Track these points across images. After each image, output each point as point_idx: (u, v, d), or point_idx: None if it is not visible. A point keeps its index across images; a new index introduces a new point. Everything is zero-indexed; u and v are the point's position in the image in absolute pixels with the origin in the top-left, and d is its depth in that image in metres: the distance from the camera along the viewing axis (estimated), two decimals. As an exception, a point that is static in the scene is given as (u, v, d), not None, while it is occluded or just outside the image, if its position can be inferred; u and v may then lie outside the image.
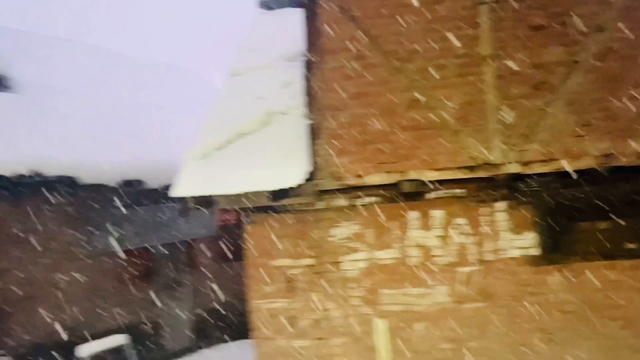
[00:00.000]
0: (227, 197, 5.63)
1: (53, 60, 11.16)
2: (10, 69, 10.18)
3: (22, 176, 8.39)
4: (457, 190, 5.65)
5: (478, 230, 5.66)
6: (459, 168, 5.42)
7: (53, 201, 8.84)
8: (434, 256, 5.74)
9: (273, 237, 5.89)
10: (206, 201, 5.68)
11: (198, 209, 5.71)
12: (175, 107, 12.09)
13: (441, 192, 5.69)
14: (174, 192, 5.71)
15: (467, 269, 5.67)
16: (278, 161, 5.63)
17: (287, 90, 6.34)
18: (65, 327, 8.52)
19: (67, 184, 8.92)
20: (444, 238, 5.72)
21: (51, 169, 8.75)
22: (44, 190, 8.74)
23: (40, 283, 8.63)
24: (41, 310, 8.46)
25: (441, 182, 5.53)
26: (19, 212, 8.64)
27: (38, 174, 8.57)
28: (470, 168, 5.40)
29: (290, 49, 6.68)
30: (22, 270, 8.54)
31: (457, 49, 5.39)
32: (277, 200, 5.63)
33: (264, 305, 5.97)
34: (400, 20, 5.48)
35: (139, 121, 10.91)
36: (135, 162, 9.67)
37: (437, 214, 5.73)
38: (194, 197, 5.66)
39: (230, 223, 9.13)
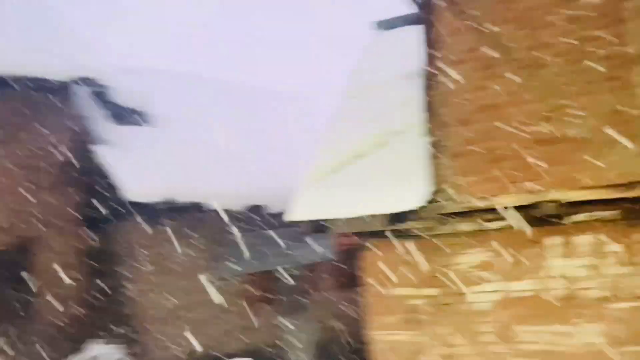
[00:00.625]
0: (343, 221, 5.38)
1: (186, 94, 11.96)
2: (149, 105, 11.08)
3: (158, 203, 8.96)
4: (607, 212, 4.85)
5: (636, 259, 4.78)
6: (609, 186, 4.64)
7: (184, 226, 9.33)
8: (580, 289, 4.94)
9: (391, 263, 5.50)
10: (322, 225, 5.48)
11: (314, 233, 5.53)
12: (296, 133, 12.29)
13: (586, 215, 4.92)
14: (290, 217, 5.60)
15: (623, 304, 4.80)
16: (396, 182, 5.28)
17: (405, 108, 5.99)
18: (193, 348, 8.82)
19: (196, 210, 9.38)
20: (593, 268, 4.91)
21: (183, 196, 9.26)
22: (176, 215, 9.26)
23: (172, 304, 9.07)
24: (173, 330, 8.86)
25: (586, 202, 4.78)
26: (155, 237, 9.22)
27: (171, 201, 9.11)
28: (624, 186, 4.59)
29: (406, 67, 6.35)
30: (157, 291, 9.07)
31: (600, 49, 4.68)
32: (395, 224, 5.25)
33: (383, 336, 5.57)
34: (530, 23, 4.92)
35: (262, 148, 11.22)
36: (259, 188, 9.90)
37: (584, 240, 4.95)
38: (310, 221, 5.50)
39: (348, 247, 8.92)
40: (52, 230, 9.52)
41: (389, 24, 7.72)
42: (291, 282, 9.81)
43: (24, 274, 9.12)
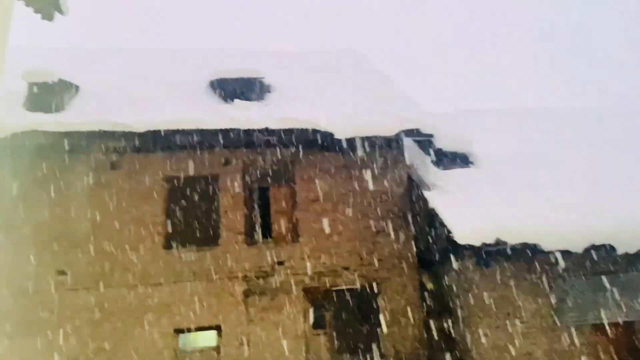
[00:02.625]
0: None
1: (505, 132, 11.72)
2: (471, 146, 11.24)
3: (488, 245, 8.85)
4: None
5: None
6: None
7: (518, 269, 8.95)
8: None
9: None
10: None
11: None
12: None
13: None
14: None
15: None
16: None
17: None
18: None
19: (529, 251, 8.89)
20: None
21: (514, 237, 8.93)
22: (507, 258, 8.96)
23: (507, 349, 8.70)
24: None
25: None
26: (487, 280, 9.11)
27: (502, 242, 8.88)
28: None
29: None
30: (492, 335, 8.85)
31: None
32: None
33: None
34: None
35: (601, 181, 10.03)
36: (602, 226, 8.80)
37: None
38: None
39: None
40: (394, 272, 10.42)
41: None
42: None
43: (373, 312, 10.20)
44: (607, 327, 8.81)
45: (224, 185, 10.31)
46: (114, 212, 9.68)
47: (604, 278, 8.71)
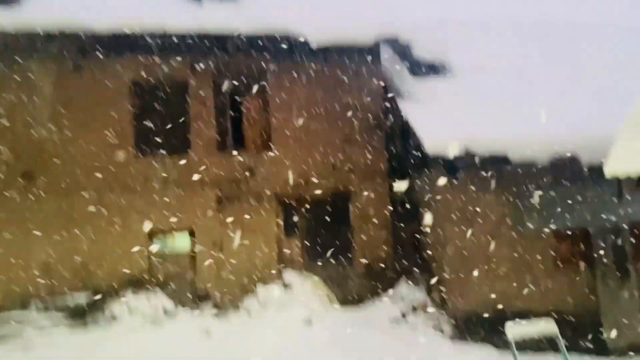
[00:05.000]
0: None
1: (482, 43, 11.47)
2: (448, 56, 11.05)
3: (456, 156, 8.96)
4: None
5: None
6: None
7: (484, 179, 9.13)
8: None
9: None
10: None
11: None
12: (616, 70, 10.51)
13: None
14: (607, 170, 4.86)
15: None
16: None
17: None
18: (493, 301, 8.74)
19: (498, 162, 9.04)
20: None
21: (482, 148, 9.03)
22: (476, 168, 9.11)
23: (473, 255, 9.09)
24: (473, 281, 8.91)
25: None
26: (455, 190, 9.31)
27: (471, 153, 8.99)
28: None
29: None
30: (459, 242, 9.20)
31: None
32: None
33: None
34: None
35: (572, 92, 10.01)
36: (567, 138, 8.90)
37: None
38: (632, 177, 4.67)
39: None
40: (365, 181, 10.61)
41: None
42: (608, 243, 8.68)
43: (345, 220, 10.49)
44: (566, 235, 9.19)
45: (194, 92, 10.13)
46: (80, 117, 9.51)
47: (566, 188, 8.94)
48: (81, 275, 9.30)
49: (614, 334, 8.40)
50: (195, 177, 9.66)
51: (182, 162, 9.81)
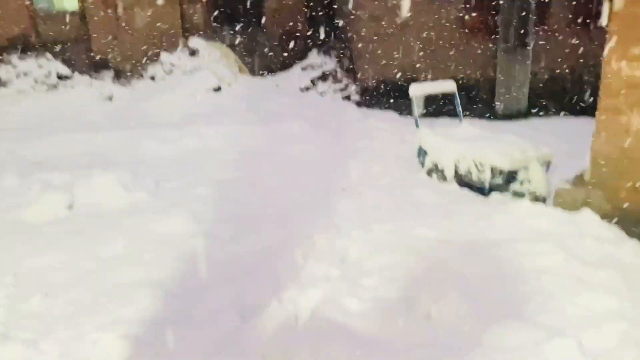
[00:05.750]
0: None
1: None
2: None
3: None
4: None
5: None
6: None
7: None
8: None
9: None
10: None
11: None
12: None
13: None
14: None
15: None
16: None
17: None
18: (401, 71, 8.87)
19: None
20: None
21: None
22: None
23: (385, 25, 8.88)
24: (383, 50, 8.87)
25: None
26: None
27: None
28: None
29: None
30: (372, 11, 8.85)
31: None
32: None
33: (627, 70, 4.68)
34: None
35: None
36: None
37: None
38: None
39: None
40: None
41: None
42: (517, 13, 8.69)
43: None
44: (476, 3, 9.03)
45: None
46: None
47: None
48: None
49: (503, 104, 8.98)
50: None
51: None
